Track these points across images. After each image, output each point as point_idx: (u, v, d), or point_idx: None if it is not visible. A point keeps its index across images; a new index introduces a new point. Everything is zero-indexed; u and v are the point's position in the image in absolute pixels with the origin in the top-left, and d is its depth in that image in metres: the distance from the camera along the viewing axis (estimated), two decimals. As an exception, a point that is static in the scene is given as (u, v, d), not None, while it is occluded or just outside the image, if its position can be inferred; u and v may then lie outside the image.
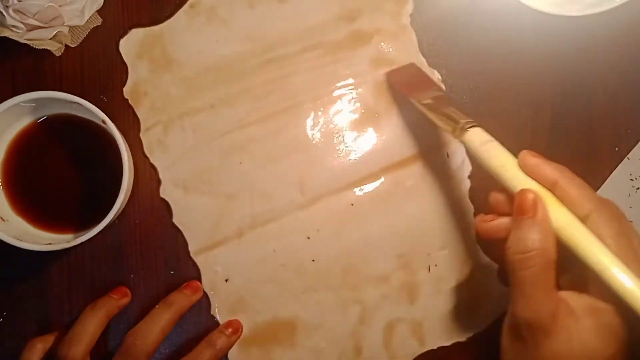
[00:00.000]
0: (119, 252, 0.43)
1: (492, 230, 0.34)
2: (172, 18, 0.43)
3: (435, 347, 0.43)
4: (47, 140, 0.41)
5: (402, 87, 0.43)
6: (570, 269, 0.31)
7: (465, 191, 0.44)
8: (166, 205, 0.43)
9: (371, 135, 0.44)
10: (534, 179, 0.32)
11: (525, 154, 0.32)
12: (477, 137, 0.35)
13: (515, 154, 0.44)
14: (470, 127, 0.35)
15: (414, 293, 0.43)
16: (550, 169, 0.31)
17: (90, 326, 0.39)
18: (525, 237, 0.30)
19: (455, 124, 0.36)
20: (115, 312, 0.41)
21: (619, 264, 0.28)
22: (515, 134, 0.45)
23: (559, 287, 0.30)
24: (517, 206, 0.31)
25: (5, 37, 0.39)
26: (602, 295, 0.29)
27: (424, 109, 0.39)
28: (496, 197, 0.34)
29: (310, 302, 0.43)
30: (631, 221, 0.45)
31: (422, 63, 0.44)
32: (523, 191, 0.31)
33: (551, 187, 0.31)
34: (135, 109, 0.43)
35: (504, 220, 0.34)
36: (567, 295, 0.30)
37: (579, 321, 0.29)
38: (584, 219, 0.30)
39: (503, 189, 0.33)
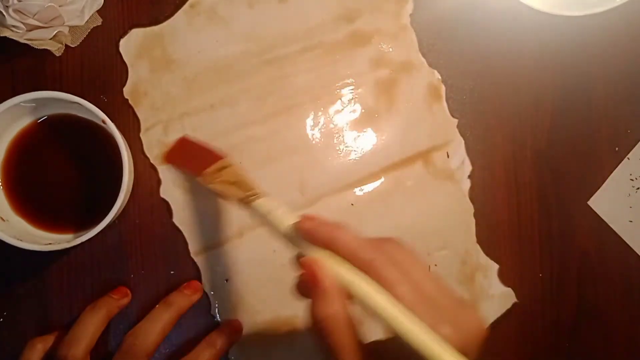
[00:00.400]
0: (119, 252, 0.43)
1: (303, 294, 0.33)
2: (172, 18, 0.43)
3: (435, 347, 0.43)
4: (47, 140, 0.41)
5: (188, 168, 0.42)
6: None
7: (465, 191, 0.44)
8: (166, 205, 0.43)
9: (371, 135, 0.44)
10: (314, 243, 0.31)
11: (302, 219, 0.32)
12: (262, 207, 0.34)
13: (513, 155, 0.44)
14: (255, 198, 0.35)
15: (414, 293, 0.43)
16: (324, 229, 0.31)
17: (91, 326, 0.39)
18: (316, 307, 0.29)
19: (243, 196, 0.36)
20: (116, 312, 0.41)
21: (402, 311, 0.28)
22: (516, 134, 0.45)
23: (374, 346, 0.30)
24: (302, 277, 0.31)
25: (5, 37, 0.39)
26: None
27: (214, 188, 0.39)
28: (299, 259, 0.34)
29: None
30: (631, 221, 0.45)
31: (422, 63, 0.44)
32: (302, 261, 0.31)
33: (330, 245, 0.31)
34: (135, 109, 0.43)
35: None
36: (373, 345, 0.30)
37: None
38: (369, 266, 0.29)
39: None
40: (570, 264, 0.45)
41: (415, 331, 0.27)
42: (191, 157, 0.42)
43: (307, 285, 0.30)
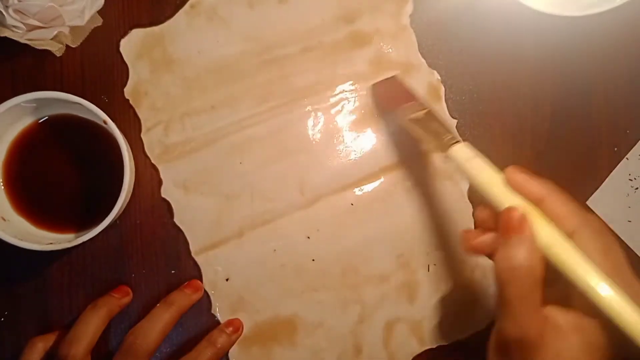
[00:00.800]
0: (120, 252, 0.43)
1: (478, 247, 0.34)
2: (172, 18, 0.43)
3: (434, 346, 0.44)
4: (48, 140, 0.41)
5: (387, 101, 0.43)
6: (557, 285, 0.31)
7: (465, 191, 0.45)
8: (167, 205, 0.43)
9: (371, 135, 0.44)
10: (521, 195, 0.32)
11: (511, 170, 0.32)
12: (462, 153, 0.34)
13: (513, 155, 0.44)
14: (454, 143, 0.35)
15: (413, 292, 0.44)
16: (536, 186, 0.31)
17: (91, 325, 0.39)
18: (512, 255, 0.30)
19: (439, 140, 0.36)
20: (116, 311, 0.41)
21: (605, 282, 0.28)
22: (515, 134, 0.45)
23: (546, 302, 0.30)
24: (503, 224, 0.31)
25: (5, 37, 0.39)
26: (588, 312, 0.29)
27: (408, 123, 0.39)
28: (482, 213, 0.34)
29: (310, 302, 0.43)
30: (630, 221, 0.45)
31: (421, 63, 0.45)
32: (509, 209, 0.31)
33: (538, 204, 0.31)
34: (136, 109, 0.43)
35: (489, 236, 0.33)
36: (554, 312, 0.30)
37: (566, 338, 0.29)
38: (570, 235, 0.30)
39: (488, 204, 0.33)
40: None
41: (617, 303, 0.27)
42: (392, 93, 0.42)
43: (507, 232, 0.30)
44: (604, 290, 0.28)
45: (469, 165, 0.34)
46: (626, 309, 0.27)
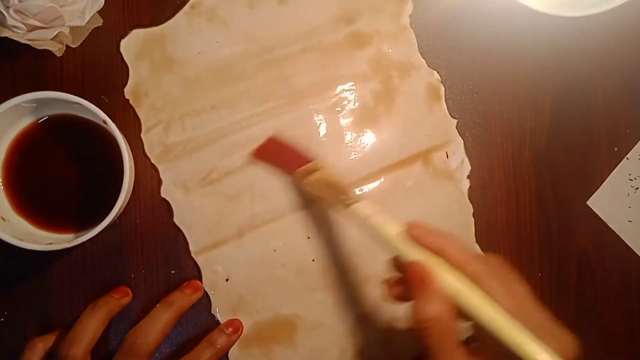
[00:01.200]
0: (119, 252, 0.43)
1: (395, 297, 0.35)
2: (172, 19, 0.44)
3: (434, 347, 0.44)
4: (48, 140, 0.41)
5: (279, 166, 0.43)
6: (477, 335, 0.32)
7: (465, 191, 0.45)
8: (167, 205, 0.43)
9: (371, 135, 0.44)
10: (423, 248, 0.32)
11: (410, 226, 0.33)
12: (360, 212, 0.35)
13: (513, 155, 0.44)
14: (352, 203, 0.36)
15: (413, 293, 0.44)
16: (436, 237, 0.32)
17: (91, 326, 0.39)
18: (422, 308, 0.31)
19: (338, 200, 0.37)
20: (116, 311, 0.41)
21: (512, 322, 0.29)
22: (515, 134, 0.45)
23: (471, 351, 0.31)
24: (409, 278, 0.32)
25: (5, 38, 0.39)
26: (501, 351, 0.30)
27: (307, 187, 0.40)
28: (396, 263, 0.35)
29: (311, 302, 0.43)
30: (630, 221, 0.45)
31: (421, 63, 0.45)
32: (412, 264, 0.32)
33: (440, 254, 0.32)
34: (136, 109, 0.43)
35: (403, 287, 0.34)
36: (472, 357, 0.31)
37: None
38: (475, 280, 0.31)
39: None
40: (570, 264, 0.45)
41: (524, 342, 0.28)
42: (281, 155, 0.43)
43: (413, 287, 0.31)
44: (511, 331, 0.29)
45: (370, 223, 0.35)
46: (530, 344, 0.28)
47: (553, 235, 0.45)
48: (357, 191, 0.44)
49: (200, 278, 0.43)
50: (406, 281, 0.32)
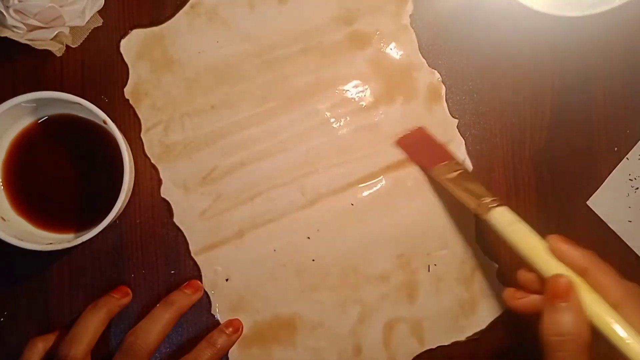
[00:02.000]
0: (119, 252, 0.43)
1: (524, 307, 0.35)
2: (172, 19, 0.43)
3: (434, 347, 0.44)
4: (47, 140, 0.41)
5: (418, 158, 0.43)
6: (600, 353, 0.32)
7: (465, 191, 0.45)
8: (167, 205, 0.43)
9: (371, 135, 0.44)
10: (564, 264, 0.33)
11: (554, 239, 0.33)
12: (503, 217, 0.36)
13: (513, 155, 0.44)
14: (494, 206, 0.36)
15: (413, 293, 0.44)
16: (580, 257, 0.33)
17: (91, 326, 0.39)
18: (560, 321, 0.31)
19: (479, 201, 0.37)
20: (116, 311, 0.41)
21: None
22: (515, 134, 0.45)
23: None
24: (550, 290, 0.32)
25: (5, 38, 0.39)
26: None
27: (446, 183, 0.40)
28: (526, 276, 0.36)
29: (311, 302, 0.43)
30: (630, 221, 0.45)
31: (422, 63, 0.45)
32: (557, 276, 0.32)
33: (581, 274, 0.32)
34: (136, 109, 0.43)
35: (534, 298, 0.35)
36: None
37: None
38: (614, 306, 0.31)
39: (532, 268, 0.35)
40: (570, 264, 0.45)
41: None
42: (425, 148, 0.43)
43: (554, 299, 0.32)
44: None
45: (511, 230, 0.35)
46: None
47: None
48: (357, 191, 0.44)
49: (200, 278, 0.43)
50: (546, 293, 0.32)
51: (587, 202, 0.45)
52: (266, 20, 0.44)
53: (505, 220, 0.36)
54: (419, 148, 0.43)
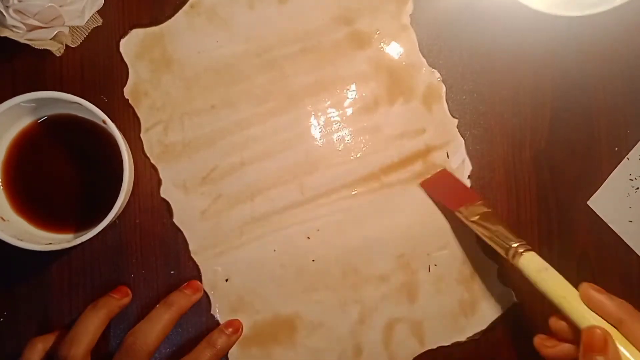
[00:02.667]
0: (119, 252, 0.43)
1: (557, 356, 0.35)
2: (172, 18, 0.43)
3: (434, 347, 0.44)
4: (47, 140, 0.41)
5: (443, 200, 0.43)
6: None
7: (465, 191, 0.45)
8: (166, 205, 0.43)
9: (371, 135, 0.44)
10: (597, 314, 0.33)
11: (587, 289, 0.33)
12: (532, 263, 0.36)
13: (513, 155, 0.44)
14: (522, 252, 0.36)
15: (413, 293, 0.44)
16: (615, 307, 0.32)
17: (91, 326, 0.39)
18: None
19: (508, 246, 0.37)
20: (116, 312, 0.41)
21: None
22: (515, 134, 0.45)
23: None
24: (586, 342, 0.32)
25: (5, 37, 0.39)
26: None
27: (472, 226, 0.40)
28: (558, 324, 0.35)
29: (310, 302, 0.43)
30: (630, 221, 0.45)
31: (422, 63, 0.45)
32: (593, 327, 0.32)
33: (616, 324, 0.32)
34: (136, 109, 0.43)
35: (566, 347, 0.35)
36: None
37: None
38: None
39: (563, 316, 0.35)
40: (570, 264, 0.45)
41: None
42: (449, 189, 0.43)
43: (591, 351, 0.31)
44: None
45: (541, 278, 0.35)
46: None
47: (553, 235, 0.45)
48: (357, 191, 0.44)
49: (200, 278, 0.43)
50: (582, 345, 0.32)
51: (588, 202, 0.45)
52: (266, 20, 0.44)
53: (535, 267, 0.35)
54: (443, 190, 0.43)
